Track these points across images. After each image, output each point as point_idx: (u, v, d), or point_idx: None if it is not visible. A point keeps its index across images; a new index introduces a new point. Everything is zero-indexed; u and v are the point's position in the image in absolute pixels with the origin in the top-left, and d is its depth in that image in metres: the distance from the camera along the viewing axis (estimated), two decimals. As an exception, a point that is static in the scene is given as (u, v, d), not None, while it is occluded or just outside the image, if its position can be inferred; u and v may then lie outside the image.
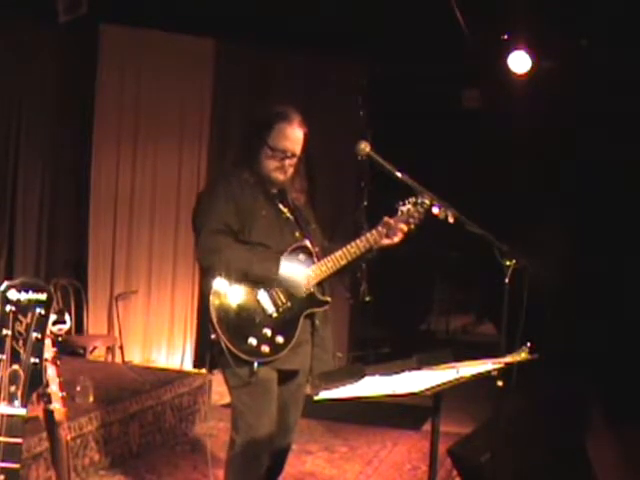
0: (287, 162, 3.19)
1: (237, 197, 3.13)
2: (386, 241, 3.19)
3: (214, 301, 3.05)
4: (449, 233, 3.28)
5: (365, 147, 3.06)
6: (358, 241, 3.17)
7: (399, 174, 3.03)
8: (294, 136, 3.18)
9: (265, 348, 3.06)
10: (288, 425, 3.33)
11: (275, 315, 3.10)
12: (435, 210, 3.05)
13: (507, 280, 2.84)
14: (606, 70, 6.29)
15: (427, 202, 3.08)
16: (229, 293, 3.07)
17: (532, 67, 6.56)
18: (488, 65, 6.83)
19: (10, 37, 6.35)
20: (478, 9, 6.09)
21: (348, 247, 3.17)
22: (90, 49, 6.91)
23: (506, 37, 6.53)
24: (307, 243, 3.22)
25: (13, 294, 1.78)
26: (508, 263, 2.86)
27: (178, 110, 7.22)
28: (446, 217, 3.00)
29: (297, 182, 3.31)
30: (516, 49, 6.54)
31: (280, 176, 3.20)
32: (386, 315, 8.20)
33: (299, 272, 3.13)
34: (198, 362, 3.12)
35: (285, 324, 3.11)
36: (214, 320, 3.04)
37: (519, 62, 6.57)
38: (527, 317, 2.85)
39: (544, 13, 5.93)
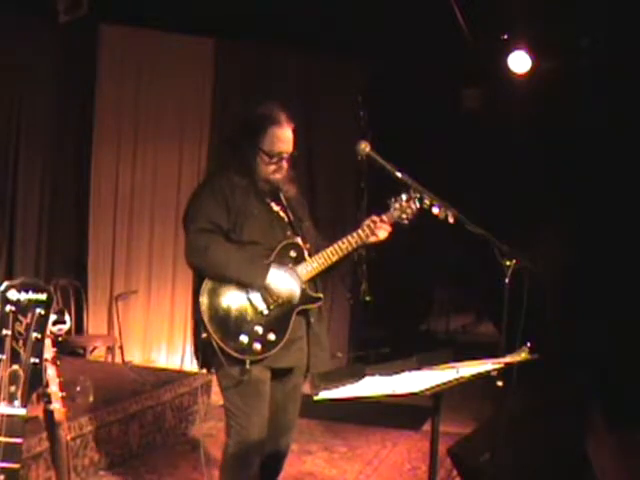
0: (283, 162, 3.21)
1: (227, 197, 3.14)
2: (372, 238, 3.22)
3: (204, 300, 3.07)
4: (449, 233, 3.28)
5: (365, 147, 3.07)
6: (349, 237, 3.21)
7: (399, 174, 3.03)
8: (286, 137, 3.19)
9: (257, 346, 3.07)
10: (286, 425, 3.33)
11: (266, 312, 3.10)
12: (435, 210, 3.06)
13: (507, 280, 2.84)
14: (606, 70, 6.29)
15: (427, 201, 3.09)
16: (219, 292, 3.08)
17: (532, 67, 6.56)
18: (488, 65, 6.83)
19: (10, 37, 6.35)
20: (478, 9, 6.09)
21: (339, 243, 3.20)
22: (90, 49, 6.92)
23: (506, 37, 6.53)
24: (298, 240, 3.23)
25: (13, 294, 1.78)
26: (508, 263, 2.86)
27: (178, 110, 7.22)
28: (446, 217, 3.01)
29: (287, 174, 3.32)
30: (516, 49, 6.53)
31: (278, 176, 3.22)
32: (386, 315, 8.19)
33: (287, 284, 3.13)
34: (200, 361, 3.15)
35: (277, 321, 3.12)
36: (205, 319, 3.05)
37: (519, 62, 6.57)
38: (527, 317, 2.85)
39: (544, 13, 5.93)
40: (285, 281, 3.12)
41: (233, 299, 3.09)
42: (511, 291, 2.82)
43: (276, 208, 3.27)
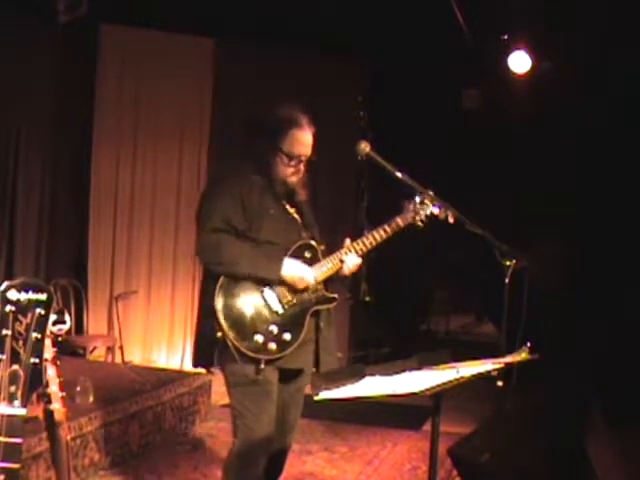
0: (301, 166, 3.21)
1: (244, 196, 3.12)
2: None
3: (219, 299, 3.05)
4: (449, 233, 3.28)
5: (365, 147, 3.07)
6: (364, 239, 3.20)
7: (399, 174, 3.04)
8: (307, 140, 3.18)
9: (272, 345, 3.06)
10: (288, 425, 3.32)
11: (281, 312, 3.09)
12: (435, 210, 3.06)
13: (507, 280, 2.84)
14: (606, 69, 6.30)
15: (427, 201, 3.10)
16: (234, 291, 3.07)
17: (532, 67, 6.57)
18: (488, 65, 6.83)
19: (10, 37, 6.35)
20: (478, 9, 6.10)
21: (354, 244, 3.20)
22: (90, 49, 6.92)
23: (506, 37, 6.53)
24: (313, 241, 3.23)
25: (13, 294, 1.78)
26: (508, 263, 2.86)
27: (178, 110, 7.22)
28: (446, 217, 3.01)
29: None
30: (516, 49, 6.54)
31: (295, 178, 3.21)
32: (386, 315, 8.20)
33: (302, 271, 3.13)
34: (198, 359, 3.09)
35: (292, 321, 3.11)
36: (220, 318, 3.03)
37: (519, 62, 6.57)
38: (527, 317, 2.85)
39: (544, 13, 5.93)
40: (300, 270, 3.12)
41: (248, 298, 3.08)
42: (511, 291, 2.82)
43: (291, 210, 3.27)
